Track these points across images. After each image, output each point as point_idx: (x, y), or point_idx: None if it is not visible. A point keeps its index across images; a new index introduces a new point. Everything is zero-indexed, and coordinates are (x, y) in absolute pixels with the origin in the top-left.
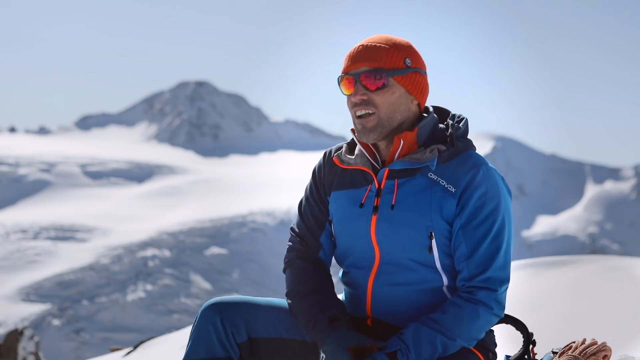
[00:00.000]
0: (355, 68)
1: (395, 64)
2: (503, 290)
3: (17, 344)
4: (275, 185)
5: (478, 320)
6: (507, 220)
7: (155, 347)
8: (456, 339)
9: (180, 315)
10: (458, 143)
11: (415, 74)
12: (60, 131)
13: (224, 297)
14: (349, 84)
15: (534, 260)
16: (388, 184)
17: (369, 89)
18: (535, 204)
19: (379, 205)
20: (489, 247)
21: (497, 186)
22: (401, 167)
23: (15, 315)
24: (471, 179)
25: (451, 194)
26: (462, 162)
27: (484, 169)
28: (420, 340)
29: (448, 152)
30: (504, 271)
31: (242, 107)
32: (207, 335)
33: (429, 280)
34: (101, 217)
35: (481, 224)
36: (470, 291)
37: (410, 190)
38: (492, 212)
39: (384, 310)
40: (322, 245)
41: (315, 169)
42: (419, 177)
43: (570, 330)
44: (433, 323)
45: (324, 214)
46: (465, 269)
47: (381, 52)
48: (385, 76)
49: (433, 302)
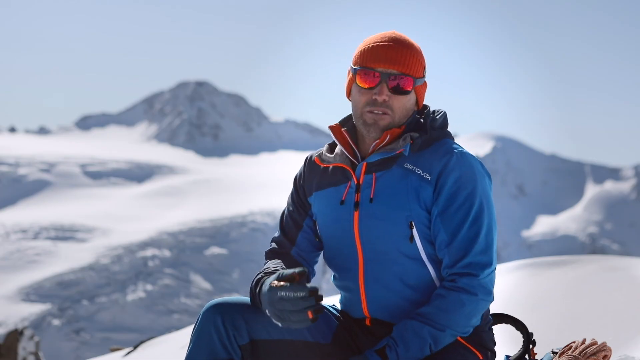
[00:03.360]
0: (384, 67)
1: (418, 73)
2: (486, 275)
3: (17, 344)
4: (275, 185)
5: (463, 307)
6: (485, 204)
7: (155, 347)
8: (445, 329)
9: (180, 315)
10: (432, 132)
11: (425, 84)
12: (60, 131)
13: (225, 298)
14: (372, 79)
15: (534, 260)
16: (366, 179)
17: (394, 93)
18: (535, 204)
19: (359, 200)
20: (467, 232)
21: (473, 170)
22: (377, 159)
23: (15, 315)
24: (445, 165)
25: (427, 181)
26: (435, 150)
27: (458, 154)
28: (408, 333)
29: (421, 139)
30: (486, 255)
31: (242, 107)
32: (208, 336)
33: (416, 273)
34: (101, 217)
35: (458, 209)
36: (453, 279)
37: (387, 182)
38: (469, 196)
39: (380, 308)
40: (296, 244)
41: (296, 177)
42: (395, 168)
43: (570, 330)
44: (419, 316)
45: (302, 216)
46: (447, 255)
47: (410, 59)
48: (412, 84)
49: (427, 297)
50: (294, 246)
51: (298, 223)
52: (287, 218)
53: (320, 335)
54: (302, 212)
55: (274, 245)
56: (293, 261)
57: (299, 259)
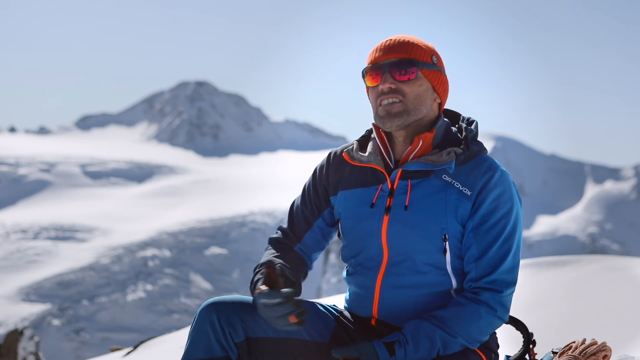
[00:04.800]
0: (384, 59)
1: (424, 57)
2: (508, 294)
3: (17, 344)
4: (275, 185)
5: (480, 320)
6: (518, 225)
7: (155, 347)
8: (457, 336)
9: (180, 315)
10: (472, 146)
11: (439, 72)
12: (60, 131)
13: (222, 297)
14: (376, 75)
15: (534, 260)
16: (401, 184)
17: (398, 79)
18: (535, 204)
19: (391, 205)
20: (498, 250)
21: (511, 190)
22: (416, 168)
23: (15, 315)
24: (487, 182)
25: (467, 196)
26: (477, 165)
27: (499, 173)
28: (420, 334)
29: (464, 155)
30: (511, 274)
31: (242, 107)
32: (205, 335)
33: (438, 283)
34: (101, 217)
35: (493, 227)
36: (475, 292)
37: (424, 191)
38: (505, 215)
39: (390, 312)
40: (301, 241)
41: (317, 169)
42: (433, 178)
43: (570, 330)
44: (434, 319)
45: (315, 216)
46: (474, 270)
47: (411, 46)
48: (415, 68)
49: (440, 306)
50: (299, 242)
51: (309, 222)
52: (298, 213)
53: (317, 334)
54: (316, 212)
55: (279, 234)
56: (294, 255)
57: (301, 254)
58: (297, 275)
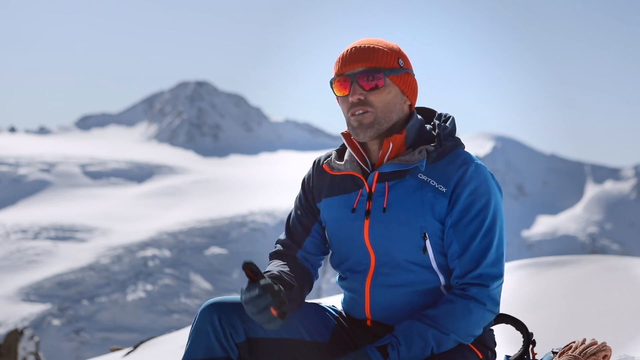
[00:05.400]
0: (350, 69)
1: (390, 63)
2: (496, 287)
3: (17, 344)
4: (275, 185)
5: (471, 315)
6: (498, 217)
7: (155, 347)
8: (449, 333)
9: (180, 315)
10: (446, 142)
11: (407, 75)
12: (60, 131)
13: (222, 297)
14: (344, 85)
15: (534, 260)
16: (379, 187)
17: (366, 89)
18: (535, 204)
19: (371, 208)
20: (480, 244)
21: (487, 183)
22: (390, 170)
23: (15, 315)
24: (461, 177)
25: (442, 193)
26: (451, 161)
27: (474, 166)
28: (412, 334)
29: (436, 152)
30: (496, 267)
31: (242, 107)
32: (205, 335)
33: (426, 281)
34: (101, 217)
35: (472, 221)
36: (463, 288)
37: (401, 192)
38: (483, 208)
39: (383, 312)
40: (302, 247)
41: (305, 179)
42: (409, 178)
43: (570, 330)
44: (425, 318)
45: (311, 221)
46: (458, 266)
47: (376, 53)
48: (382, 76)
49: (431, 303)
50: (300, 249)
51: (307, 228)
52: (295, 222)
53: (318, 334)
54: (312, 217)
55: (279, 247)
56: (297, 264)
57: (303, 261)
58: (300, 281)
